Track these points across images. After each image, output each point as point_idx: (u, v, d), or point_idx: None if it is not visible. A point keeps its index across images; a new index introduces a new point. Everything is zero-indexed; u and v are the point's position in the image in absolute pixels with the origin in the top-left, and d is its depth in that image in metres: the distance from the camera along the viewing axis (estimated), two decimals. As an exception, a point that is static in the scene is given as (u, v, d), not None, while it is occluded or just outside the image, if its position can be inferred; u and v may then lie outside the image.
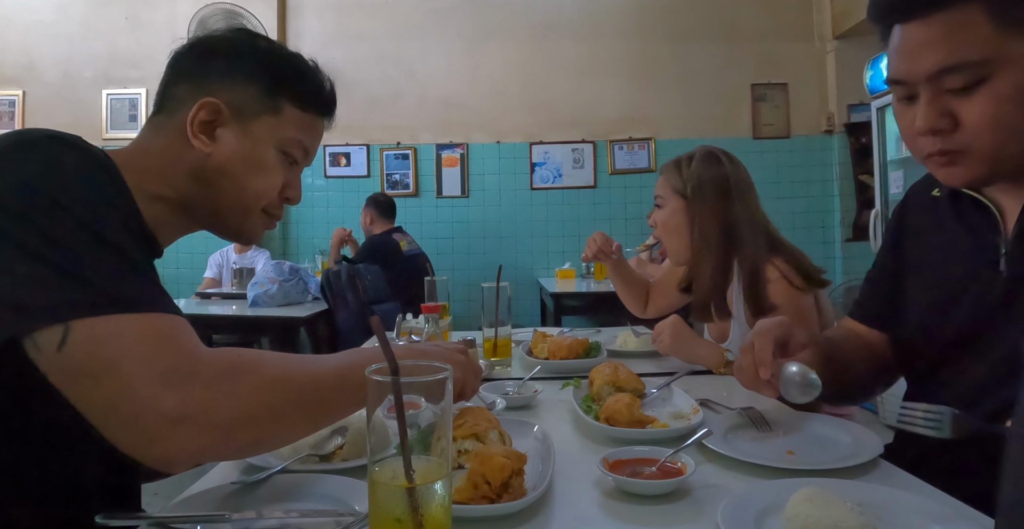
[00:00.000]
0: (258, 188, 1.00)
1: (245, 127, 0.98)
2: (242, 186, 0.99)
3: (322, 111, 1.06)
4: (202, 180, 0.98)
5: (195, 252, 5.31)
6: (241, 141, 0.98)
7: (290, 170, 1.04)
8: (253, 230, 1.05)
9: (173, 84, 0.99)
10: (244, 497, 0.92)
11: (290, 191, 1.05)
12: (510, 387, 1.51)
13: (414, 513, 0.64)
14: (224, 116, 0.97)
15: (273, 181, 1.01)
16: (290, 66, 1.03)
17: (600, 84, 5.74)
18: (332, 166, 5.88)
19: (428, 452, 0.67)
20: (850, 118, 5.46)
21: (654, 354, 1.93)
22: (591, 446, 1.16)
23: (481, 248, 5.79)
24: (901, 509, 0.81)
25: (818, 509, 0.77)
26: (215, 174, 0.97)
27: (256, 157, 0.99)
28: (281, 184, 1.03)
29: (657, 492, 0.93)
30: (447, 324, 1.99)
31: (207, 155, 0.96)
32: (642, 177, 5.71)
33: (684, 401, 1.35)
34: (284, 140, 1.01)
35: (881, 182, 4.36)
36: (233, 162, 0.98)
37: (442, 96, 5.80)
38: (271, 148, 1.00)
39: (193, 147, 0.96)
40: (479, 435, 1.02)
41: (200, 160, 0.97)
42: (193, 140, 0.96)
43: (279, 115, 1.00)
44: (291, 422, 0.80)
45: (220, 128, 0.97)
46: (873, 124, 4.44)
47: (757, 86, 5.55)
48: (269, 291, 4.02)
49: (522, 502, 0.86)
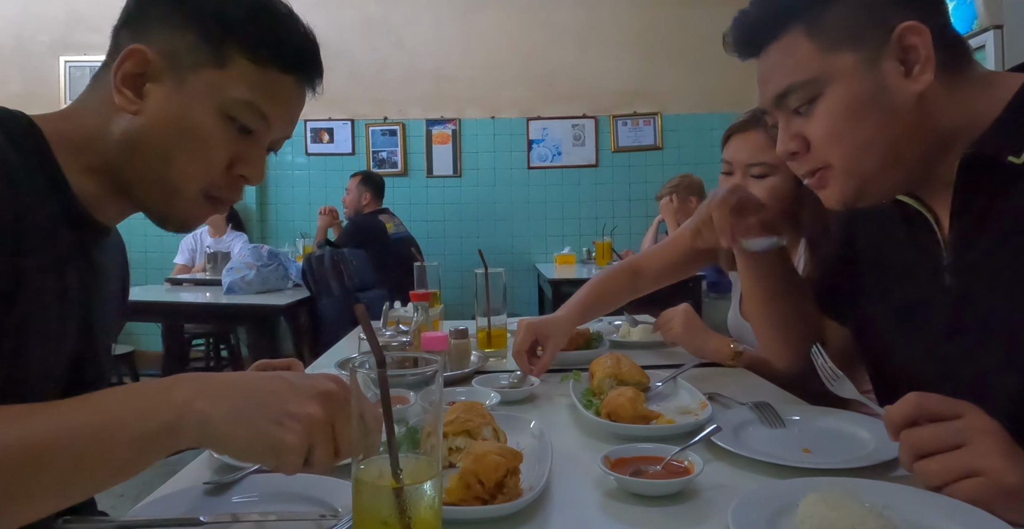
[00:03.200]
0: (188, 162, 0.88)
1: (179, 82, 0.87)
2: (168, 158, 0.88)
3: (287, 66, 0.91)
4: (129, 149, 0.88)
5: (165, 235, 5.29)
6: (172, 100, 0.87)
7: (242, 141, 0.91)
8: (183, 216, 0.93)
9: (117, 30, 0.91)
10: (218, 499, 0.92)
11: (244, 168, 0.92)
12: (505, 380, 1.51)
13: (401, 515, 0.64)
14: (155, 67, 0.86)
15: (210, 154, 0.89)
16: (241, 6, 0.89)
17: (603, 54, 5.72)
18: (314, 143, 5.86)
19: (417, 450, 0.67)
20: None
21: (659, 345, 1.93)
22: (591, 443, 1.16)
23: (474, 231, 5.79)
24: (926, 511, 0.81)
25: (833, 511, 0.77)
26: (140, 141, 0.87)
27: (189, 121, 0.87)
28: (225, 158, 0.90)
29: (662, 492, 0.93)
30: (438, 313, 1.99)
31: (133, 116, 0.87)
32: (647, 155, 5.70)
33: (691, 395, 1.35)
34: (229, 101, 0.88)
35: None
36: (159, 126, 0.87)
37: (432, 67, 5.77)
38: (210, 111, 0.88)
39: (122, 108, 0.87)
40: (471, 431, 1.02)
41: (127, 124, 0.87)
42: (117, 97, 0.86)
43: (224, 69, 0.87)
44: (25, 501, 0.65)
45: (150, 83, 0.87)
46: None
47: (772, 56, 5.53)
48: (246, 277, 4.02)
49: (517, 503, 0.86)
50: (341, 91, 5.70)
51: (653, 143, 5.72)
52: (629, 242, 5.43)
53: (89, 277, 0.93)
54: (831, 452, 1.07)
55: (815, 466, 0.99)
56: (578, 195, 5.80)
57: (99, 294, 0.97)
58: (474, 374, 1.59)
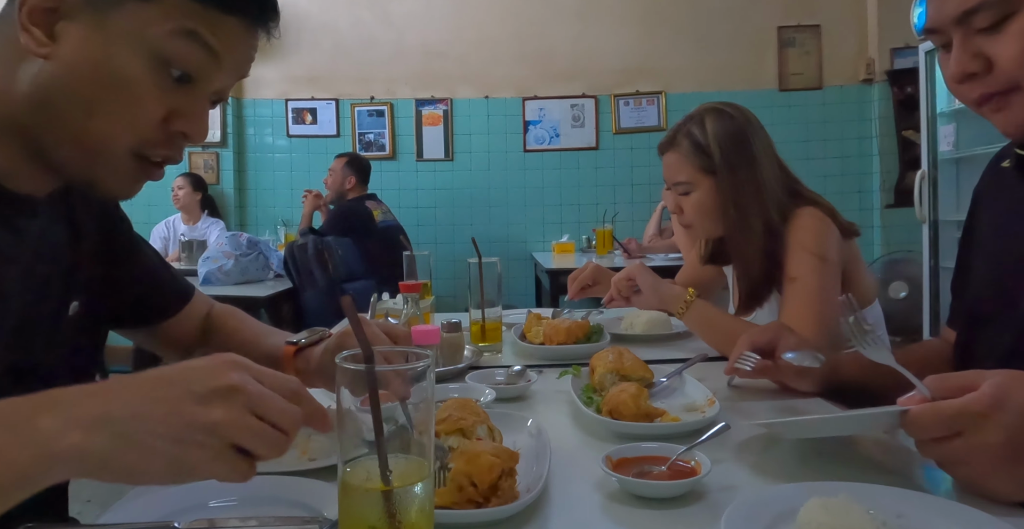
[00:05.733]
0: (111, 115, 0.80)
1: (99, 20, 0.78)
2: (87, 111, 0.79)
3: (229, 4, 0.83)
4: (40, 102, 0.80)
5: (135, 222, 5.21)
6: (90, 41, 0.78)
7: (178, 90, 0.83)
8: (112, 181, 0.85)
9: None
10: (193, 503, 0.91)
11: (183, 122, 0.85)
12: (500, 376, 1.51)
13: (391, 519, 0.64)
14: (68, 2, 0.78)
15: (138, 105, 0.81)
16: None
17: (604, 29, 5.70)
18: (296, 124, 5.85)
19: (407, 450, 0.66)
20: (893, 64, 5.44)
21: (664, 338, 1.94)
22: (592, 443, 1.16)
23: (467, 219, 5.79)
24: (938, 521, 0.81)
25: (834, 518, 0.77)
26: (53, 92, 0.79)
27: (111, 66, 0.79)
28: (159, 111, 0.83)
29: (667, 495, 0.93)
30: (429, 305, 1.99)
31: (44, 61, 0.78)
32: (651, 137, 5.69)
33: (698, 391, 1.35)
34: (160, 41, 0.79)
35: (929, 138, 4.32)
36: (76, 73, 0.78)
37: (422, 43, 5.75)
38: (138, 54, 0.79)
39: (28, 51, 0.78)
40: (465, 430, 1.02)
41: (36, 71, 0.79)
42: (23, 37, 0.77)
43: (152, 2, 0.79)
44: None
45: (64, 21, 0.78)
46: (921, 70, 4.35)
47: (785, 29, 5.52)
48: (224, 267, 4.01)
49: (513, 506, 0.86)
50: (324, 68, 5.68)
51: (657, 124, 5.71)
52: (631, 230, 5.43)
53: (16, 251, 0.90)
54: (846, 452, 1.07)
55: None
56: (577, 180, 5.79)
57: (42, 264, 0.95)
58: (467, 370, 1.59)
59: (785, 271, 1.73)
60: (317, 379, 1.16)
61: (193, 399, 0.63)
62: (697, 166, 1.85)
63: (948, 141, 4.17)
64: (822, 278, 1.67)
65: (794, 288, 1.68)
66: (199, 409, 0.63)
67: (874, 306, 1.86)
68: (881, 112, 5.51)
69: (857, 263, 1.86)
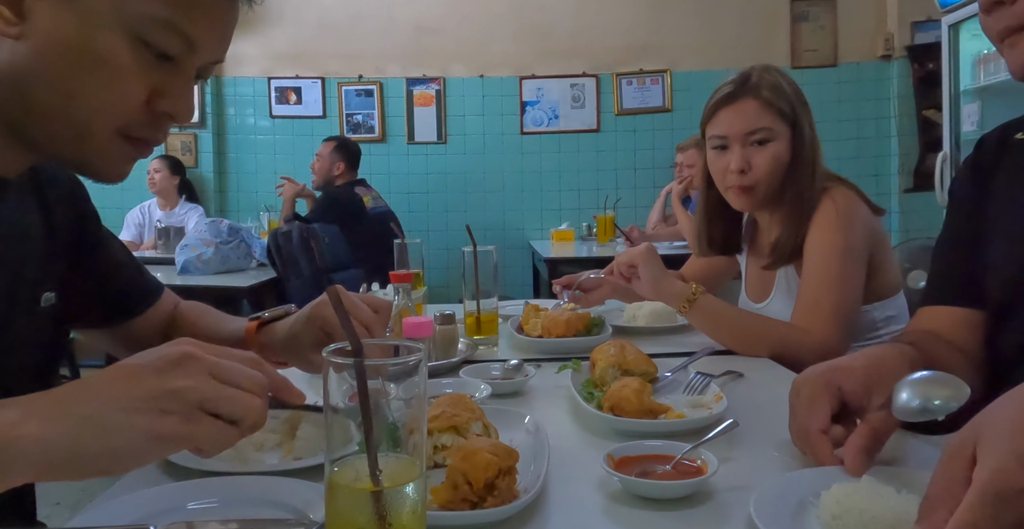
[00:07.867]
0: (93, 97, 0.81)
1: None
2: (69, 92, 0.80)
3: None
4: (15, 85, 0.80)
5: (108, 207, 5.26)
6: (62, 19, 0.78)
7: (160, 68, 0.83)
8: (104, 163, 0.87)
9: None
10: (171, 505, 0.91)
11: (167, 102, 0.85)
12: (496, 370, 1.51)
13: (381, 521, 0.64)
14: None
15: (120, 86, 0.81)
16: None
17: (605, 4, 5.69)
18: (279, 104, 5.83)
19: (398, 449, 0.67)
20: (913, 39, 5.43)
21: (668, 331, 1.94)
22: (593, 440, 1.17)
23: (461, 205, 5.79)
24: None
25: (862, 500, 0.78)
26: (28, 74, 0.79)
27: (86, 46, 0.78)
28: (142, 91, 0.83)
29: (672, 495, 0.93)
30: (421, 296, 1.99)
31: (15, 42, 0.78)
32: (655, 118, 5.69)
33: (704, 386, 1.36)
34: (137, 18, 0.79)
35: (951, 118, 4.32)
36: (50, 55, 0.78)
37: (413, 18, 5.73)
38: (115, 32, 0.79)
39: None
40: (459, 428, 1.02)
41: (8, 52, 0.79)
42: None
43: None
44: None
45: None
46: (944, 46, 4.34)
47: (798, 2, 5.49)
48: (203, 255, 4.00)
49: (511, 507, 0.86)
50: (309, 45, 5.65)
51: (661, 104, 5.70)
52: (634, 216, 5.43)
53: None
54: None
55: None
56: (577, 164, 5.79)
57: (11, 250, 0.96)
58: (462, 364, 1.59)
59: (806, 251, 1.73)
60: (284, 353, 1.16)
61: (150, 372, 0.66)
62: (779, 113, 1.79)
63: (972, 121, 4.15)
64: (844, 266, 1.67)
65: (815, 272, 1.68)
66: (158, 379, 0.66)
67: (899, 296, 1.86)
68: (900, 90, 5.51)
69: (885, 248, 1.85)
